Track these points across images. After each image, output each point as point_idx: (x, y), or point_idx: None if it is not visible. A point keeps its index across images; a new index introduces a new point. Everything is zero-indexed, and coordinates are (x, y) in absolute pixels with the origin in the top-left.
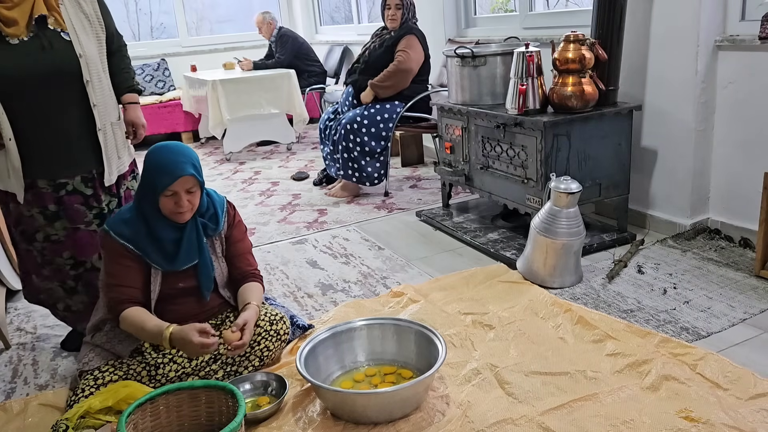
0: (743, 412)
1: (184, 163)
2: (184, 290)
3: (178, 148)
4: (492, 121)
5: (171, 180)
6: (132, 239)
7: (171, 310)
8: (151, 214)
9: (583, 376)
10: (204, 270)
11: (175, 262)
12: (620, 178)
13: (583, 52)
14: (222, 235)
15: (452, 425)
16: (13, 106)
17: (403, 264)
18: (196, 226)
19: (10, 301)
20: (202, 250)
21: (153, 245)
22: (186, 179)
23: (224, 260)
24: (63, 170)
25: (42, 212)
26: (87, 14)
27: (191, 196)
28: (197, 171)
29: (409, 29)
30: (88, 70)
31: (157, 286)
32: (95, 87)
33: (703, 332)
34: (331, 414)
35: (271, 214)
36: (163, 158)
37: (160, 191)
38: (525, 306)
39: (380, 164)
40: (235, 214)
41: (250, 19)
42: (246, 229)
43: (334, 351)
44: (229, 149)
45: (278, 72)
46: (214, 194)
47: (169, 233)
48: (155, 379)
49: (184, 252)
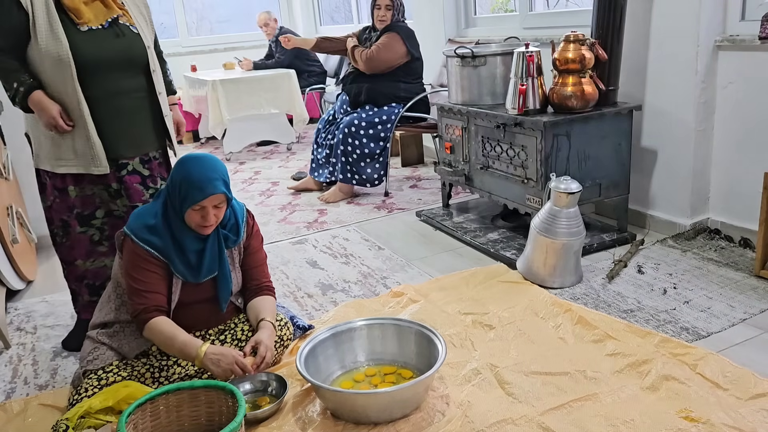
0: (743, 412)
1: (216, 180)
2: (202, 301)
3: (212, 163)
4: (492, 121)
5: (202, 197)
6: (158, 247)
7: (185, 315)
8: (176, 224)
9: (583, 376)
10: (223, 282)
11: (197, 273)
12: (620, 178)
13: (583, 52)
14: (241, 245)
15: (452, 425)
16: (89, 87)
17: (403, 264)
18: (218, 238)
19: (10, 301)
20: (222, 262)
21: (178, 255)
22: (216, 197)
23: (240, 270)
24: (127, 150)
25: (106, 189)
26: (144, 16)
27: (218, 211)
28: (227, 187)
29: (390, 27)
30: (154, 62)
31: (177, 295)
32: (158, 77)
33: (703, 332)
34: (331, 414)
35: (271, 214)
36: (196, 172)
37: (189, 205)
38: (525, 306)
39: (380, 165)
40: (254, 224)
41: (250, 19)
42: (263, 239)
43: (334, 351)
44: (229, 149)
45: (278, 72)
46: (235, 203)
47: (193, 244)
48: (158, 381)
49: (206, 264)
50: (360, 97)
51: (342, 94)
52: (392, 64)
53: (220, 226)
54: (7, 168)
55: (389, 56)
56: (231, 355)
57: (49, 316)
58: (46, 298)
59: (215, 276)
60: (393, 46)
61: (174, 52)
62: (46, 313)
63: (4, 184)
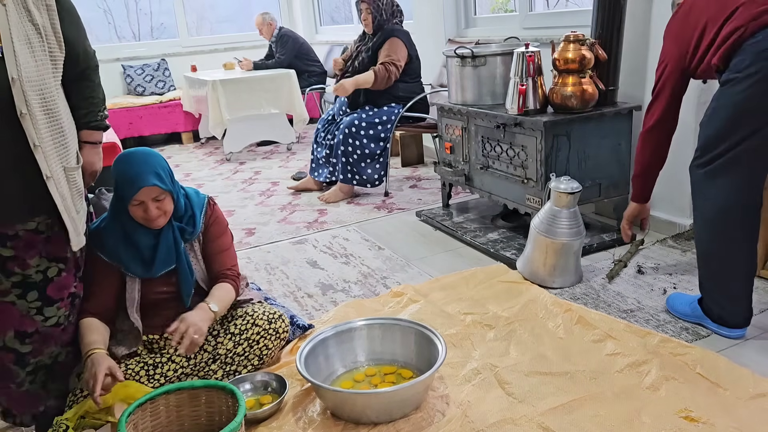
0: (743, 412)
1: (145, 173)
2: (167, 296)
3: (142, 157)
4: (492, 121)
5: (134, 191)
6: (106, 248)
7: (157, 315)
8: (127, 221)
9: (583, 376)
10: (183, 275)
11: (151, 268)
12: (620, 178)
13: (583, 52)
14: (200, 236)
15: (452, 425)
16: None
17: (403, 264)
18: (173, 231)
19: None
20: (179, 255)
21: (130, 252)
22: (149, 189)
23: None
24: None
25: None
26: (38, 26)
27: (160, 203)
28: (161, 179)
29: (390, 32)
30: (25, 99)
31: (136, 293)
32: (38, 122)
33: (703, 332)
34: (331, 414)
35: (271, 214)
36: (126, 168)
37: (128, 201)
38: (525, 306)
39: (380, 166)
40: (213, 212)
41: (250, 19)
42: (227, 225)
43: (334, 351)
44: (229, 149)
45: (278, 72)
46: (194, 195)
47: (146, 239)
48: (154, 378)
49: (160, 258)
50: (359, 99)
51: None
52: (403, 64)
53: (176, 219)
54: None
55: (402, 58)
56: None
57: None
58: None
59: (176, 270)
60: (398, 51)
61: (174, 52)
62: None
63: None
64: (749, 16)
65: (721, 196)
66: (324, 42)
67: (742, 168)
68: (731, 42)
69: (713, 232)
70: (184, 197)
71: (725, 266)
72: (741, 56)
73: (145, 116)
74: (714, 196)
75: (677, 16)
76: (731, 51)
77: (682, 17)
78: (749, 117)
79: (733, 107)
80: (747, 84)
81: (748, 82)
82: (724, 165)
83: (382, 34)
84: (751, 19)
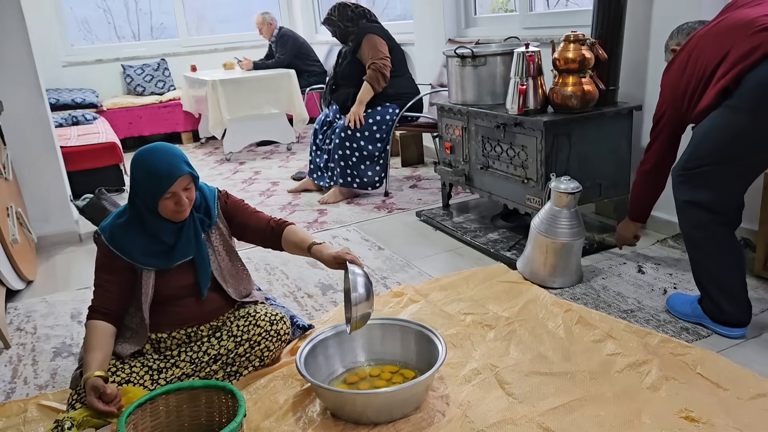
0: (743, 412)
1: (178, 164)
2: (182, 290)
3: (167, 150)
4: (492, 121)
5: (170, 183)
6: (122, 244)
7: (170, 312)
8: (147, 216)
9: (584, 376)
10: (202, 265)
11: (170, 258)
12: (620, 178)
13: (583, 52)
14: (219, 225)
15: (452, 425)
16: None
17: (403, 264)
18: (194, 222)
19: (10, 301)
20: (199, 246)
21: (149, 246)
22: (183, 178)
23: (224, 255)
24: None
25: None
26: None
27: (188, 192)
28: (190, 167)
29: (362, 31)
30: None
31: (150, 289)
32: None
33: (703, 332)
34: (331, 414)
35: (271, 213)
36: (155, 163)
37: (161, 196)
38: (525, 306)
39: (380, 167)
40: (227, 199)
41: (250, 19)
42: (243, 201)
43: (334, 351)
44: (229, 149)
45: (278, 72)
46: (205, 187)
47: (168, 232)
48: (158, 383)
49: (180, 247)
50: (348, 103)
51: (332, 105)
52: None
53: (194, 209)
54: (7, 168)
55: (383, 54)
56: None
57: (49, 316)
58: (46, 298)
59: (193, 262)
60: (378, 47)
61: (174, 52)
62: (46, 313)
63: (4, 184)
64: (743, 53)
65: (698, 205)
66: (324, 42)
67: (721, 182)
68: (732, 76)
69: (691, 240)
70: (197, 189)
71: (715, 267)
72: (741, 88)
73: (145, 116)
74: (691, 204)
75: (674, 65)
76: (732, 85)
77: (680, 67)
78: (743, 142)
79: (731, 129)
80: (746, 112)
81: (748, 111)
82: (705, 175)
83: (355, 37)
84: (746, 55)
